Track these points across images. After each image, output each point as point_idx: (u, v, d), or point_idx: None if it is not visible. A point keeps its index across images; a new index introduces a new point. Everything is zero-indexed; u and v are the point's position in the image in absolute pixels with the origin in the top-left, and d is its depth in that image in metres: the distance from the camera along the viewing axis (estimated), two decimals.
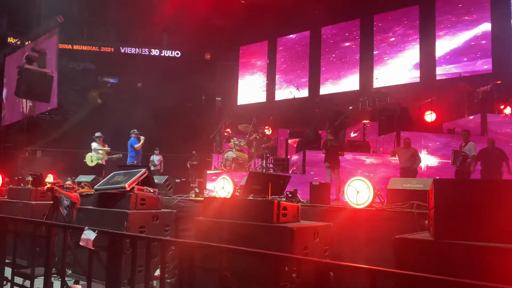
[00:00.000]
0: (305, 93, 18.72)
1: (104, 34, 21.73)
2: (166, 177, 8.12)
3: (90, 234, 3.99)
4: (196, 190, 8.22)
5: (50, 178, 8.88)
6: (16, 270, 5.00)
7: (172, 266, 4.83)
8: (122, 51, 21.82)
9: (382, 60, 16.95)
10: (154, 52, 22.06)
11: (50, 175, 9.21)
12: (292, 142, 14.24)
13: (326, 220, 5.03)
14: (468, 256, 2.83)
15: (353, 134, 14.32)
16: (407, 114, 12.64)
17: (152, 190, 6.24)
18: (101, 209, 6.04)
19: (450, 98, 13.24)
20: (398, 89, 15.09)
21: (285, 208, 4.39)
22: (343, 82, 17.89)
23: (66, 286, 4.76)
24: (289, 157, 13.15)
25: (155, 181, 7.08)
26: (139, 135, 11.80)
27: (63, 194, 6.80)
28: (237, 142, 12.12)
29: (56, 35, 16.59)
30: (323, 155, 9.55)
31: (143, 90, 20.67)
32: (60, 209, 6.76)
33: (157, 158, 14.19)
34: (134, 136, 11.77)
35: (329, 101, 16.82)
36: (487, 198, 2.94)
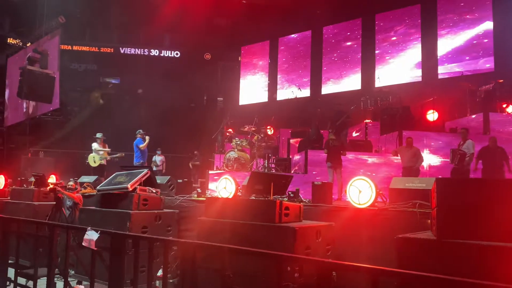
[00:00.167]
0: (306, 92, 18.70)
1: (104, 35, 21.78)
2: (168, 177, 8.13)
3: (92, 235, 4.00)
4: (198, 190, 8.23)
5: (52, 179, 8.90)
6: (19, 270, 5.01)
7: (174, 266, 4.83)
8: (122, 52, 21.86)
9: (383, 59, 16.92)
10: (154, 52, 22.08)
11: (52, 176, 9.23)
12: (294, 142, 14.22)
13: (328, 219, 5.03)
14: (471, 255, 2.83)
15: (355, 134, 14.30)
16: (409, 113, 12.61)
17: (154, 191, 6.24)
18: (103, 209, 6.05)
19: (452, 97, 13.22)
20: (400, 88, 15.06)
21: (287, 208, 4.39)
22: (345, 82, 17.86)
23: (69, 287, 4.76)
24: (291, 157, 13.14)
25: (157, 181, 7.09)
26: (145, 135, 11.84)
27: (66, 195, 6.81)
28: (239, 142, 12.12)
29: (58, 36, 16.65)
30: (325, 155, 9.55)
31: (145, 90, 20.74)
32: (62, 209, 6.76)
33: (159, 159, 14.22)
34: (139, 136, 11.81)
35: (330, 100, 16.76)
36: (490, 197, 2.93)
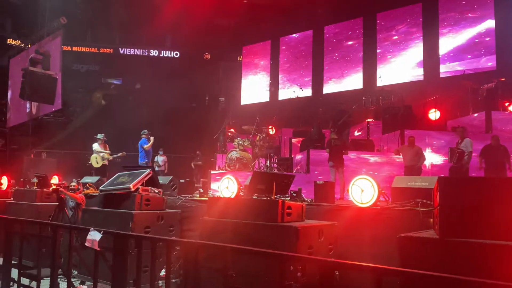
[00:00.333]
0: (308, 92, 18.69)
1: (106, 36, 21.81)
2: (171, 177, 8.14)
3: (95, 235, 4.01)
4: (200, 190, 8.25)
5: (55, 180, 8.94)
6: (22, 271, 5.02)
7: (177, 266, 4.84)
8: (122, 52, 21.87)
9: (385, 58, 16.89)
10: (153, 52, 22.08)
11: (55, 177, 9.27)
12: (296, 141, 14.22)
13: (331, 219, 5.03)
14: (473, 254, 2.83)
15: (357, 133, 14.29)
16: (411, 112, 12.59)
17: (156, 191, 6.25)
18: (106, 210, 6.07)
19: (454, 95, 13.18)
20: (401, 87, 15.03)
21: (289, 207, 4.39)
22: (347, 81, 17.84)
23: (72, 287, 4.78)
24: (293, 156, 13.14)
25: (160, 181, 7.10)
26: (149, 136, 11.86)
27: (68, 195, 6.83)
28: (241, 142, 12.13)
29: (60, 37, 16.70)
30: (327, 154, 9.54)
31: (147, 91, 20.76)
32: (65, 210, 6.78)
33: (161, 159, 14.23)
34: (144, 136, 11.83)
35: (332, 100, 16.77)
36: (493, 195, 2.93)
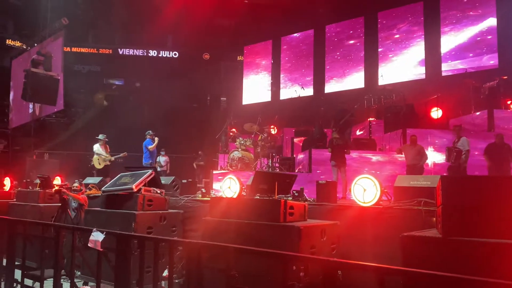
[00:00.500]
0: (310, 91, 18.67)
1: (105, 36, 21.82)
2: (173, 177, 8.14)
3: (98, 236, 4.02)
4: (202, 190, 8.24)
5: (57, 181, 8.96)
6: (25, 272, 5.04)
7: (180, 266, 4.84)
8: (122, 53, 21.87)
9: (387, 57, 16.86)
10: (152, 53, 22.08)
11: (57, 178, 9.29)
12: (297, 141, 14.21)
13: (333, 218, 5.02)
14: (476, 253, 2.82)
15: (358, 132, 14.27)
16: (413, 111, 12.56)
17: (159, 191, 6.26)
18: (108, 210, 6.08)
19: (456, 94, 13.14)
20: (403, 86, 14.99)
21: (292, 207, 4.39)
22: (348, 80, 17.82)
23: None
24: (295, 156, 13.13)
25: (162, 182, 7.11)
26: (154, 136, 11.87)
27: (71, 196, 6.85)
28: (242, 142, 12.12)
29: (61, 38, 16.74)
30: (329, 154, 9.53)
31: (149, 91, 20.78)
32: (68, 211, 6.80)
33: (163, 159, 14.23)
34: (149, 137, 11.85)
35: (334, 99, 16.76)
36: (496, 194, 2.92)
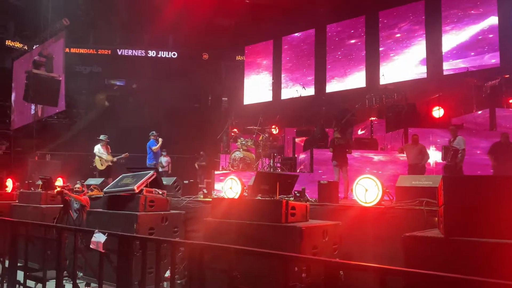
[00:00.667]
0: (311, 91, 18.66)
1: (106, 37, 21.84)
2: (174, 178, 8.15)
3: (100, 237, 4.02)
4: (204, 191, 8.24)
5: (59, 182, 8.96)
6: (28, 273, 5.05)
7: (181, 267, 4.84)
8: (121, 53, 21.88)
9: (388, 56, 16.84)
10: (151, 53, 22.08)
11: (59, 179, 9.30)
12: (299, 140, 14.20)
13: (335, 219, 5.02)
14: (478, 253, 2.82)
15: (360, 132, 14.25)
16: (415, 110, 12.54)
17: (160, 192, 6.27)
18: (110, 211, 6.09)
19: (458, 93, 13.12)
20: (405, 85, 14.96)
21: (293, 207, 4.38)
22: (349, 80, 17.80)
23: None
24: (296, 156, 13.12)
25: (164, 182, 7.11)
26: (158, 137, 11.88)
27: (73, 197, 6.86)
28: (244, 142, 12.11)
29: (62, 38, 16.75)
30: (331, 154, 9.52)
31: (150, 91, 20.79)
32: (70, 212, 6.81)
33: (165, 160, 14.22)
34: (153, 137, 11.85)
35: (335, 99, 16.73)
36: (498, 194, 2.91)
